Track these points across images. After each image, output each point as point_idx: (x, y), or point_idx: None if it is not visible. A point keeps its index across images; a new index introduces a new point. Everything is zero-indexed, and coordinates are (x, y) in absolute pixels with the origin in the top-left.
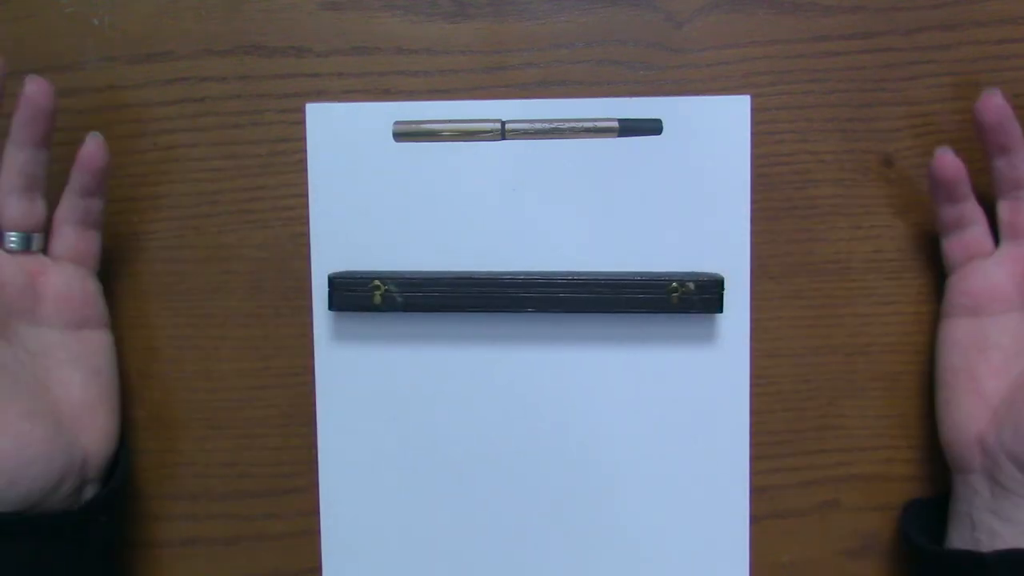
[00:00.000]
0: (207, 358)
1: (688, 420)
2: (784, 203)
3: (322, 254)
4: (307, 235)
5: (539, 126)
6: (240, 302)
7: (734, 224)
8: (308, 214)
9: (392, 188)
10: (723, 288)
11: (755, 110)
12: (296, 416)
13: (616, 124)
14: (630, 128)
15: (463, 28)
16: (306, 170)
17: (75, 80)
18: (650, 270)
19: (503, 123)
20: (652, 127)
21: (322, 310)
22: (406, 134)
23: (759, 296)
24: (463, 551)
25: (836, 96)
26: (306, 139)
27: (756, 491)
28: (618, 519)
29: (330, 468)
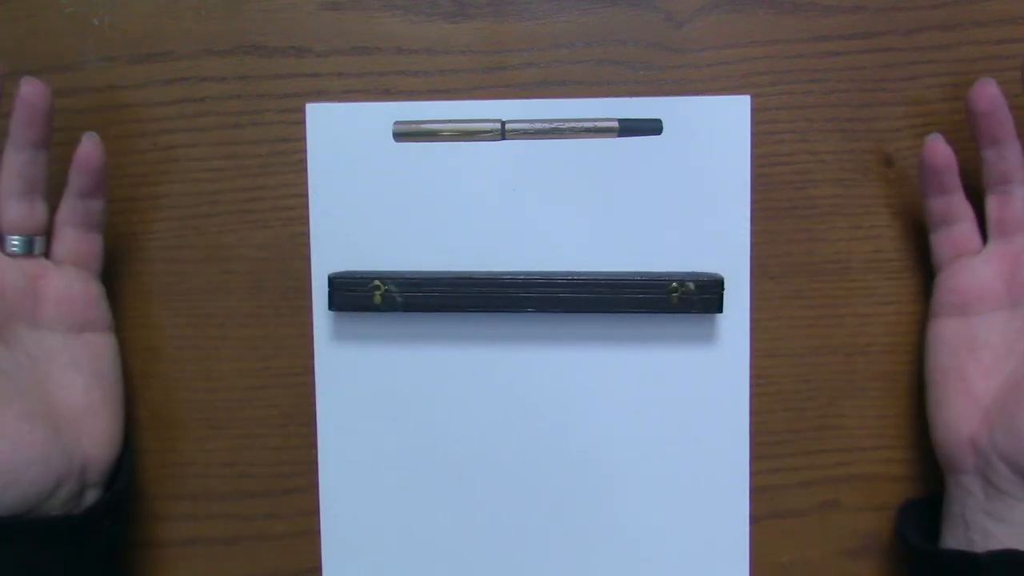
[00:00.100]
0: (207, 358)
1: (688, 420)
2: (784, 203)
3: (322, 254)
4: (307, 235)
5: (539, 126)
6: (240, 302)
7: (734, 224)
8: (308, 214)
9: (392, 188)
10: (723, 288)
11: (755, 110)
12: (296, 416)
13: (616, 124)
14: (630, 128)
15: (463, 28)
16: (306, 170)
17: (75, 80)
18: (650, 270)
19: (503, 123)
20: (652, 127)
21: (322, 310)
22: (406, 134)
23: (759, 296)
24: (463, 551)
25: (836, 96)
26: (306, 139)
27: (756, 491)
28: (618, 519)
29: (330, 468)
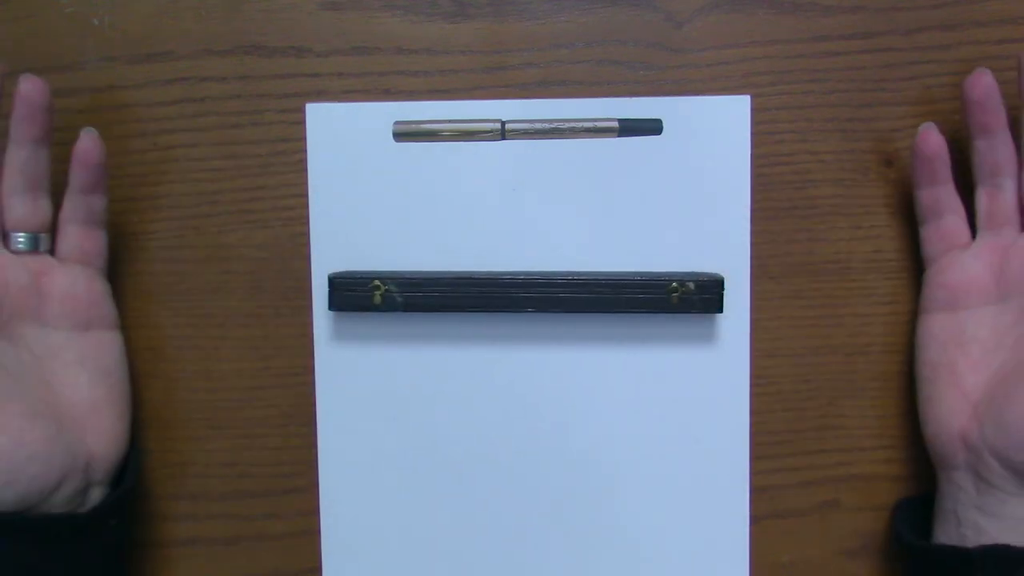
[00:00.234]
0: (207, 358)
1: (688, 420)
2: (784, 203)
3: (322, 254)
4: (307, 235)
5: (539, 126)
6: (240, 302)
7: (734, 224)
8: (308, 214)
9: (392, 188)
10: (723, 288)
11: (755, 110)
12: (296, 416)
13: (616, 124)
14: (630, 128)
15: (463, 28)
16: (306, 170)
17: (75, 80)
18: (650, 270)
19: (503, 123)
20: (652, 127)
21: (322, 310)
22: (406, 134)
23: (759, 296)
24: (463, 551)
25: (836, 96)
26: (306, 139)
27: (756, 491)
28: (618, 519)
29: (330, 468)
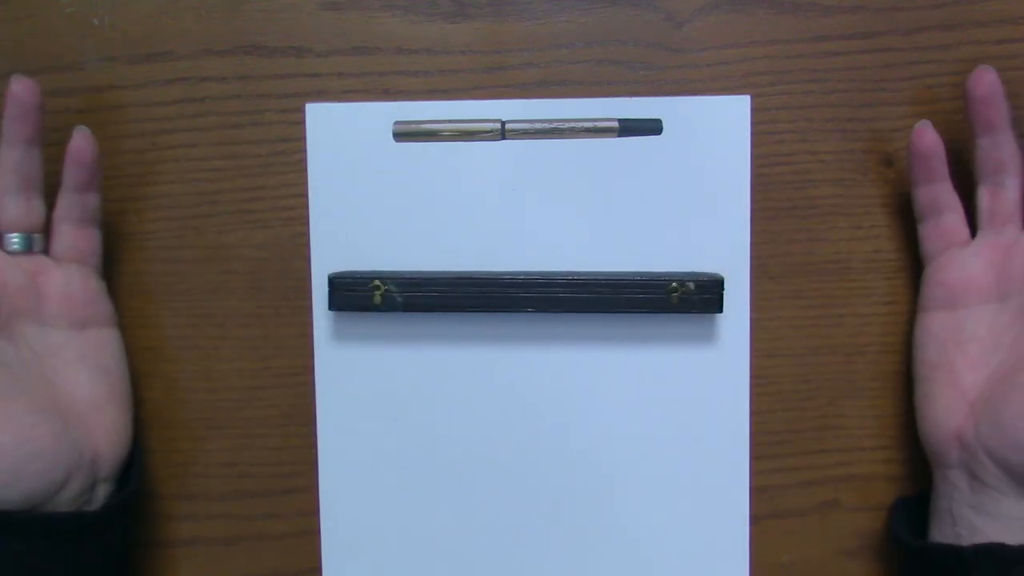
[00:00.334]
0: (207, 358)
1: (688, 420)
2: (784, 203)
3: (322, 254)
4: (307, 235)
5: (539, 126)
6: (240, 302)
7: (734, 224)
8: (308, 214)
9: (392, 188)
10: (723, 288)
11: (755, 110)
12: (296, 416)
13: (616, 124)
14: (630, 128)
15: (463, 28)
16: (306, 170)
17: (75, 80)
18: (650, 270)
19: (503, 123)
20: (652, 127)
21: (322, 310)
22: (406, 134)
23: (759, 296)
24: (463, 551)
25: (836, 96)
26: (306, 139)
27: (756, 491)
28: (618, 519)
29: (330, 468)
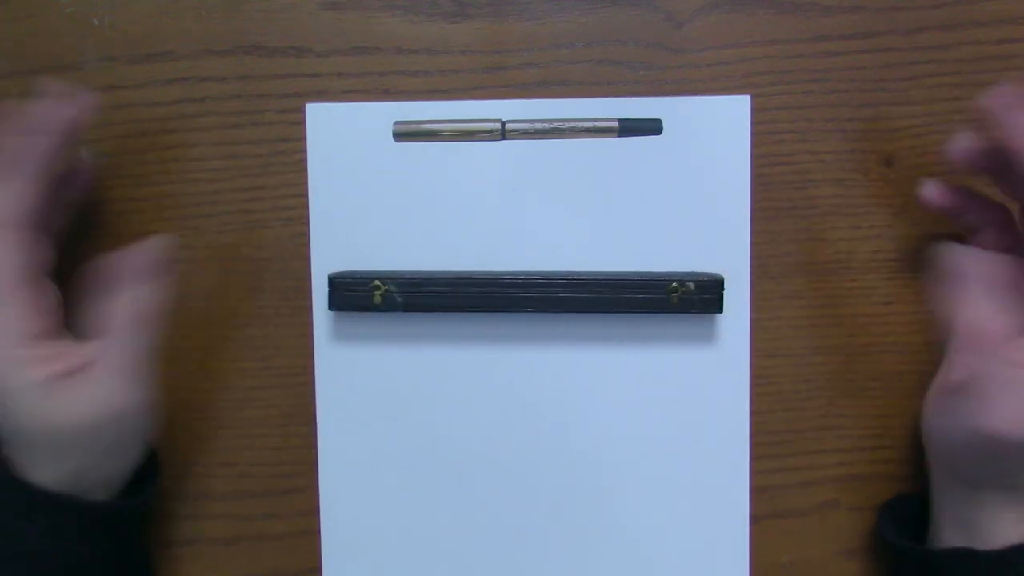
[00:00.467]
0: (207, 358)
1: (688, 420)
2: (784, 203)
3: (322, 254)
4: (307, 235)
5: (539, 126)
6: (240, 302)
7: (734, 224)
8: (308, 214)
9: (392, 188)
10: (723, 288)
11: (755, 110)
12: (296, 416)
13: (616, 124)
14: (630, 128)
15: (463, 28)
16: (306, 170)
17: (75, 80)
18: (650, 270)
19: (503, 123)
20: (652, 127)
21: (322, 310)
22: (406, 134)
23: (759, 296)
24: (463, 551)
25: (836, 96)
26: (306, 139)
27: (756, 491)
28: (618, 519)
29: (330, 468)
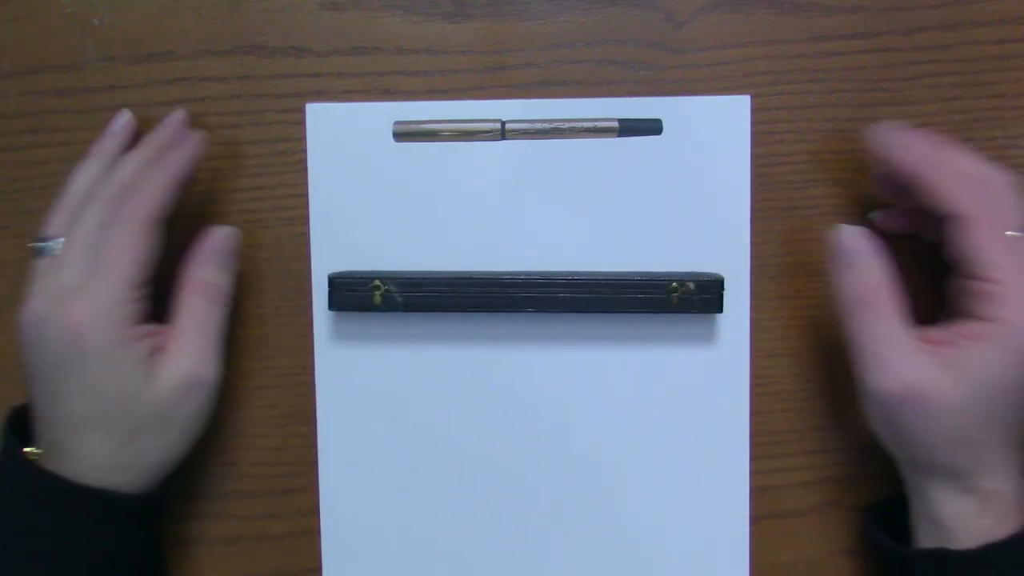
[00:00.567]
0: None
1: (688, 420)
2: (784, 203)
3: (322, 254)
4: (307, 235)
5: (539, 126)
6: (240, 302)
7: (734, 224)
8: (308, 214)
9: (392, 188)
10: (723, 288)
11: (755, 110)
12: (296, 416)
13: (616, 124)
14: (630, 128)
15: (463, 28)
16: (306, 170)
17: (75, 80)
18: (650, 270)
19: (503, 123)
20: (652, 127)
21: (322, 310)
22: (406, 134)
23: (759, 296)
24: (463, 551)
25: (836, 96)
26: (306, 139)
27: (756, 491)
28: (618, 519)
29: (330, 468)
